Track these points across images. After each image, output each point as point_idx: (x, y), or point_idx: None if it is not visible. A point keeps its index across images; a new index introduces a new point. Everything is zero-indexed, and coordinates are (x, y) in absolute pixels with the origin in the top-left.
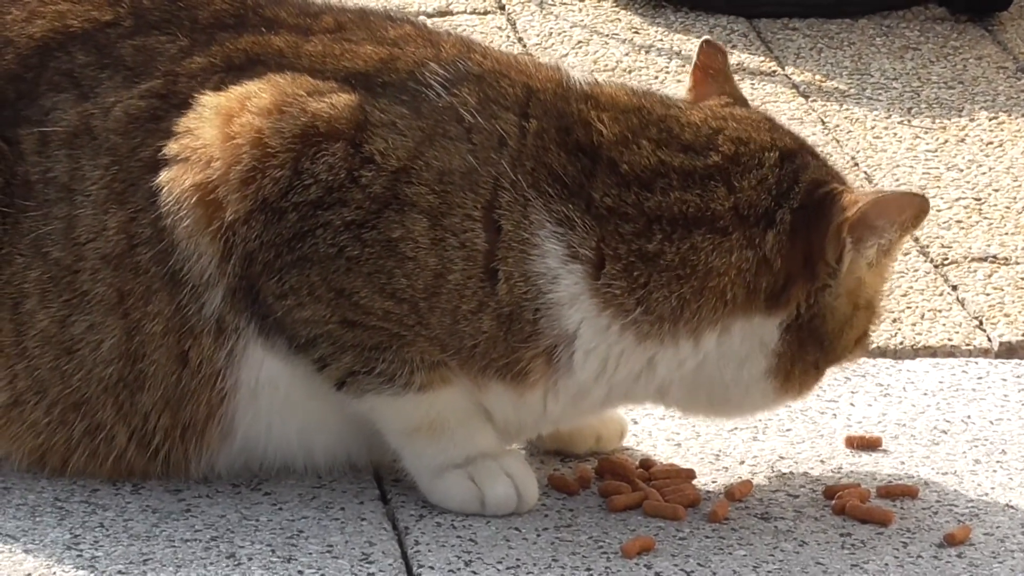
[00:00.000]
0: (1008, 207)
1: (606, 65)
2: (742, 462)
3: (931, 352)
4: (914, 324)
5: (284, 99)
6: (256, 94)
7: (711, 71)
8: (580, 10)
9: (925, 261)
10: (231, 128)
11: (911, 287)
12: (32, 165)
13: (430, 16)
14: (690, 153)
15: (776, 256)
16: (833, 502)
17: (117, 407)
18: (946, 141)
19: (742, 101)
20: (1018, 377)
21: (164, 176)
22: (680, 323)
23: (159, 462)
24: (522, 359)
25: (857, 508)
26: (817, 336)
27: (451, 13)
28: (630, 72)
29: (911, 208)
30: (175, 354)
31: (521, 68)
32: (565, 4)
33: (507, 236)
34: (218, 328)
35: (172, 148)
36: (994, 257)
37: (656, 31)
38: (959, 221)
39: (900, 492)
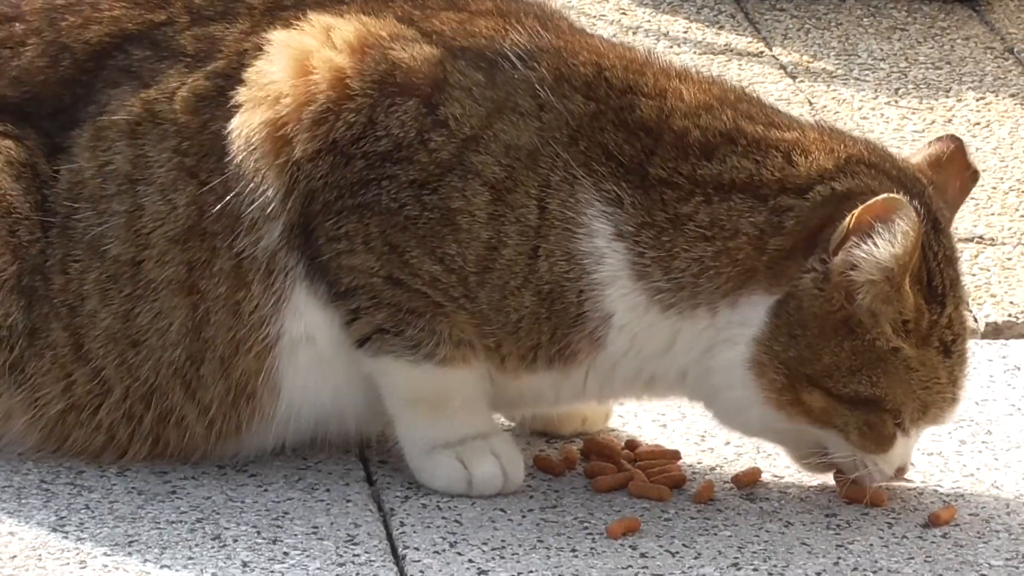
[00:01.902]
0: (995, 188)
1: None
2: (727, 443)
3: None
4: None
5: (368, 37)
6: (341, 27)
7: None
8: None
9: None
10: (309, 62)
11: None
12: (86, 162)
13: None
14: (771, 128)
15: (792, 227)
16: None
17: (185, 386)
18: (933, 122)
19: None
20: (1004, 357)
21: (234, 121)
22: (699, 292)
23: (215, 432)
24: (571, 342)
25: (850, 489)
26: (792, 331)
27: None
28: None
29: (902, 216)
30: (231, 310)
31: (594, 46)
32: None
33: (551, 215)
34: (268, 270)
35: (242, 93)
36: (980, 237)
37: (644, 12)
38: None
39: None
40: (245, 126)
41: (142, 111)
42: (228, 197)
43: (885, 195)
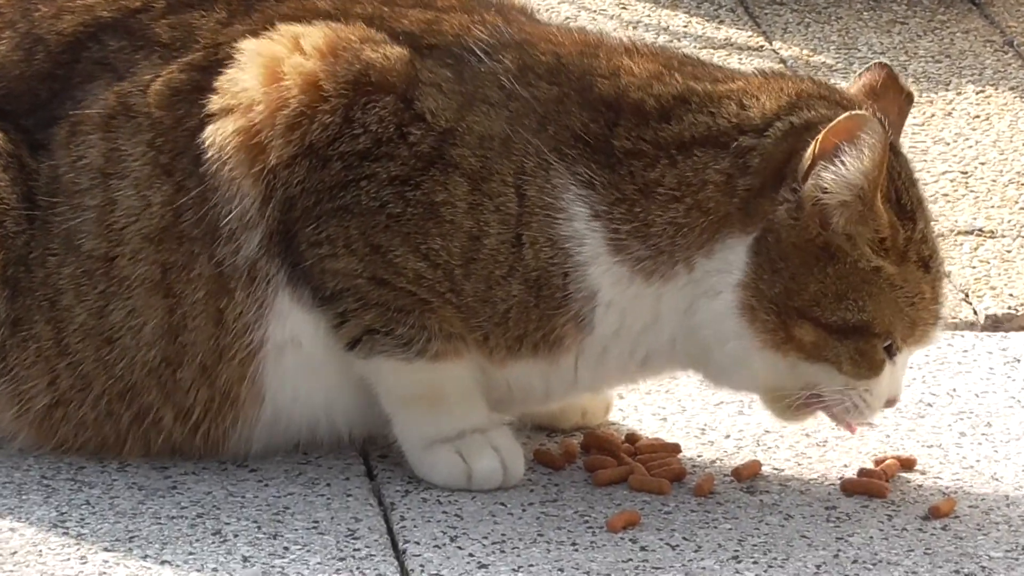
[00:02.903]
0: (995, 180)
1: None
2: (728, 436)
3: None
4: None
5: (338, 42)
6: (309, 34)
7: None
8: None
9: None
10: (279, 68)
11: None
12: (60, 158)
13: None
14: (717, 83)
15: (758, 165)
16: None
17: (161, 387)
18: (933, 115)
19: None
20: (1004, 350)
21: (208, 130)
22: (676, 251)
23: (198, 438)
24: (556, 326)
25: (851, 481)
26: (775, 265)
27: None
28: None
29: (867, 131)
30: (213, 316)
31: (552, 36)
32: None
33: (530, 202)
34: (250, 277)
35: (214, 101)
36: (980, 230)
37: (644, 6)
38: (946, 194)
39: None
40: (218, 135)
41: (115, 104)
42: (208, 208)
43: (847, 114)
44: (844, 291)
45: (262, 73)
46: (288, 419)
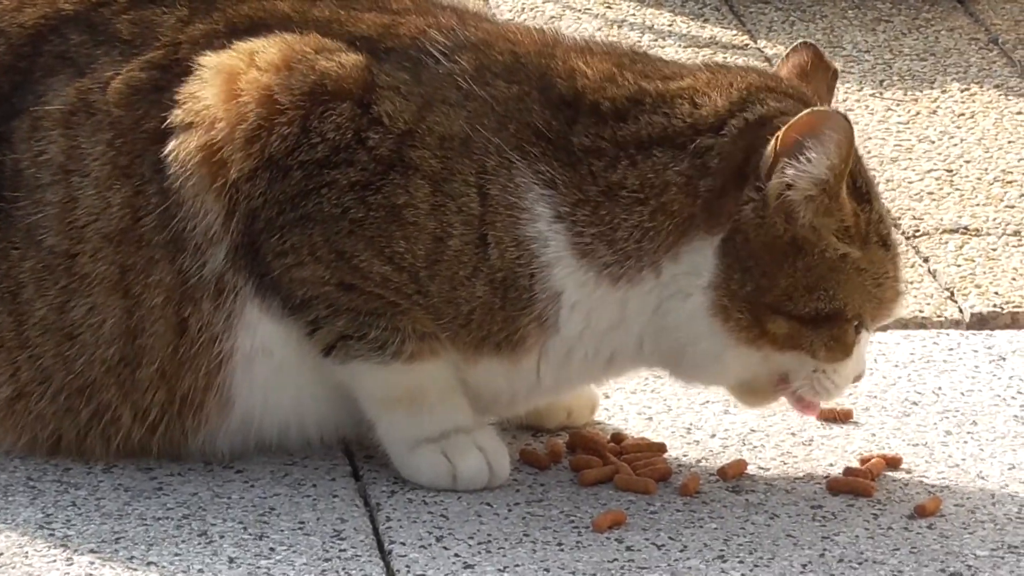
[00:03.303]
0: (979, 178)
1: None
2: (713, 435)
3: (902, 324)
4: None
5: (293, 55)
6: (264, 49)
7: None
8: None
9: (897, 233)
10: (236, 85)
11: None
12: (22, 153)
13: None
14: (667, 81)
15: (718, 165)
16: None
17: (119, 386)
18: (918, 113)
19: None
20: (989, 348)
21: (171, 145)
22: (643, 255)
23: (157, 438)
24: (520, 327)
25: (837, 480)
26: (745, 264)
27: None
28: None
29: (831, 126)
30: (174, 324)
31: (509, 35)
32: None
33: (494, 201)
34: (217, 289)
35: (177, 115)
36: (965, 228)
37: (628, 5)
38: (931, 193)
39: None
40: (182, 150)
41: (76, 101)
42: (172, 222)
43: (808, 110)
44: (814, 282)
45: (222, 90)
46: (259, 424)
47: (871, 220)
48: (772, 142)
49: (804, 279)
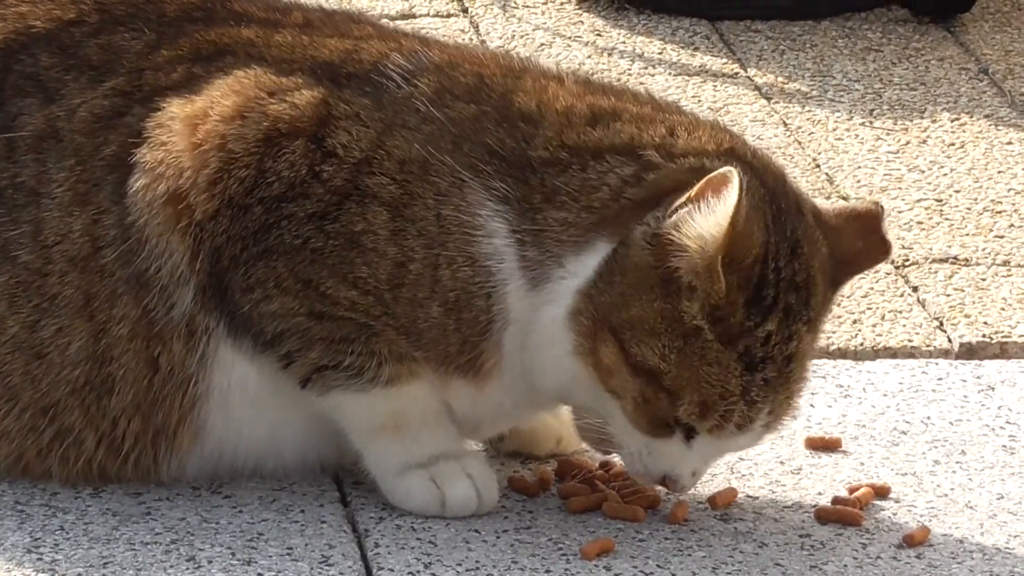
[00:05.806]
0: (969, 208)
1: (569, 68)
2: None
3: (891, 353)
4: (874, 325)
5: (246, 104)
6: (219, 102)
7: None
8: (543, 13)
9: (886, 262)
10: (197, 136)
11: (872, 288)
12: (1, 171)
13: (393, 19)
14: (658, 110)
15: (650, 181)
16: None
17: (84, 411)
18: (908, 143)
19: None
20: (978, 378)
21: (138, 183)
22: (561, 251)
23: (129, 466)
24: (483, 351)
25: (826, 509)
26: (613, 276)
27: (414, 16)
28: (592, 75)
29: (725, 189)
30: (145, 359)
31: (476, 58)
32: (528, 7)
33: (446, 221)
34: (188, 332)
35: (145, 157)
36: (955, 258)
37: (619, 33)
38: (920, 222)
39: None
40: (148, 192)
41: (46, 127)
42: (136, 260)
43: (724, 168)
44: (658, 331)
45: (188, 140)
46: (232, 453)
47: (751, 331)
48: (694, 187)
49: (652, 321)
